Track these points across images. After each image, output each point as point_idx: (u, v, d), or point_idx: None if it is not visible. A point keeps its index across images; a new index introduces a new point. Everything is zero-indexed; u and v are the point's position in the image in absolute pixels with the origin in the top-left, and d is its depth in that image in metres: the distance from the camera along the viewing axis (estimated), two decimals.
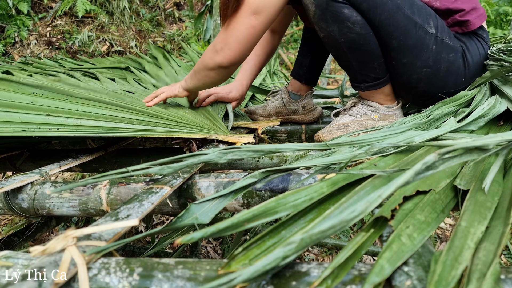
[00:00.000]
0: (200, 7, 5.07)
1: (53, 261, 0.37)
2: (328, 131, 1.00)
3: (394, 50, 0.91)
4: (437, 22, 0.92)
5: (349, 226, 0.38)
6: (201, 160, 0.55)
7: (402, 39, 0.89)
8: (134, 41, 4.38)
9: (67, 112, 0.95)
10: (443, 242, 1.72)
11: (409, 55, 0.92)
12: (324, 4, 0.88)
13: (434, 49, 0.91)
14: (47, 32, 4.06)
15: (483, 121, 0.74)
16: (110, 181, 0.70)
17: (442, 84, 0.96)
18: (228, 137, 0.98)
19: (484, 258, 0.33)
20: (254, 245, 0.36)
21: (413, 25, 0.89)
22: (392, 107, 1.01)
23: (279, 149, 0.57)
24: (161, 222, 1.83)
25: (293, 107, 1.31)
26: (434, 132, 0.66)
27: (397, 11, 0.87)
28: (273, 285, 0.33)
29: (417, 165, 0.35)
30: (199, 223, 0.45)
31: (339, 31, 0.89)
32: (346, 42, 0.91)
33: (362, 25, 0.88)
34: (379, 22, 0.88)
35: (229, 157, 0.56)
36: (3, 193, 0.73)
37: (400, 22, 0.88)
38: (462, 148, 0.36)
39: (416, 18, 0.89)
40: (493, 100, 0.83)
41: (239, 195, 0.52)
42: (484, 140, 0.37)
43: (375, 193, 0.35)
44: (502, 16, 4.34)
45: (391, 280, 0.33)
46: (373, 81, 0.97)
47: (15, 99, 0.95)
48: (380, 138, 0.70)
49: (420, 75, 0.94)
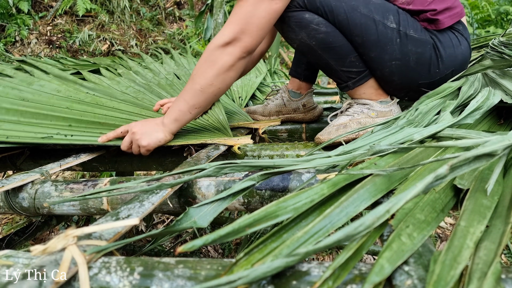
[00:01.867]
0: (201, 6, 5.07)
1: (53, 260, 0.37)
2: (328, 132, 1.00)
3: (361, 46, 0.95)
4: (399, 17, 0.96)
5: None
6: (198, 176, 0.56)
7: (364, 35, 0.93)
8: (134, 40, 4.37)
9: (87, 115, 1.03)
10: (443, 241, 1.72)
11: (375, 50, 0.95)
12: (286, 17, 0.94)
13: (399, 42, 0.95)
14: (48, 31, 4.06)
15: (479, 114, 0.74)
16: (111, 180, 0.71)
17: (416, 75, 0.99)
18: (224, 140, 0.98)
19: (484, 257, 0.33)
20: (256, 250, 0.36)
21: (372, 22, 0.93)
22: (387, 103, 1.02)
23: (277, 165, 0.57)
24: (161, 221, 1.83)
25: (293, 105, 1.31)
26: (432, 129, 0.66)
27: (353, 11, 0.93)
28: (274, 285, 0.33)
29: (428, 178, 0.34)
30: (197, 226, 0.45)
31: (308, 35, 0.94)
32: (318, 44, 0.95)
33: (326, 24, 0.93)
34: (338, 23, 0.93)
35: (225, 172, 0.56)
36: (4, 192, 0.73)
37: (358, 21, 0.92)
38: (472, 156, 0.36)
39: (373, 16, 0.93)
40: (487, 92, 0.83)
41: (238, 197, 0.52)
42: (493, 146, 0.37)
43: (383, 207, 0.35)
44: (502, 15, 4.33)
45: (392, 280, 0.33)
46: (357, 76, 1.00)
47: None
48: (379, 140, 0.70)
49: (391, 68, 0.97)
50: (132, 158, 1.07)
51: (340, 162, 0.56)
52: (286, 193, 0.61)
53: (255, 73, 2.19)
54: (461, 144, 0.42)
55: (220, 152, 0.92)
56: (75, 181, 0.72)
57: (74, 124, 1.02)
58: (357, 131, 0.80)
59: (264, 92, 1.94)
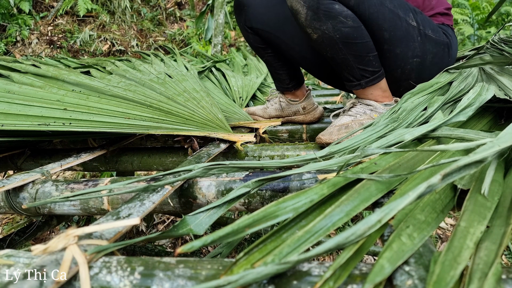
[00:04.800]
0: (202, 6, 5.07)
1: (54, 260, 0.37)
2: (329, 133, 1.00)
3: (387, 42, 0.95)
4: (417, 16, 0.97)
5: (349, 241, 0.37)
6: (185, 177, 0.56)
7: (392, 31, 0.94)
8: (135, 41, 4.38)
9: (82, 108, 0.98)
10: (443, 242, 1.71)
11: (400, 46, 0.96)
12: (316, 4, 0.91)
13: (419, 40, 0.97)
14: (49, 31, 4.06)
15: (471, 111, 0.73)
16: (112, 180, 0.71)
17: (428, 75, 1.01)
18: (228, 136, 0.98)
19: (485, 257, 0.33)
20: (256, 249, 0.36)
21: (398, 18, 0.94)
22: (390, 105, 1.01)
23: (265, 166, 0.57)
24: (162, 221, 1.83)
25: (293, 108, 1.31)
26: (423, 128, 0.65)
27: (381, 4, 0.93)
28: (274, 284, 0.33)
29: (420, 187, 0.35)
30: (193, 233, 0.45)
31: (333, 28, 0.92)
32: (341, 38, 0.93)
33: (353, 19, 0.92)
34: (369, 15, 0.92)
35: (213, 172, 0.56)
36: (5, 192, 0.73)
37: (387, 15, 0.93)
38: (463, 164, 0.36)
39: (398, 12, 0.94)
40: (479, 87, 0.82)
41: (233, 204, 0.52)
42: (483, 153, 0.37)
43: (375, 216, 0.35)
44: (503, 16, 4.33)
45: (392, 280, 0.33)
46: (371, 75, 0.99)
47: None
48: (370, 139, 0.70)
49: (412, 65, 0.99)
50: (132, 158, 1.07)
51: (332, 166, 0.55)
52: (286, 193, 0.60)
53: (255, 74, 2.19)
54: (454, 148, 0.42)
55: (221, 150, 0.92)
56: (76, 181, 0.72)
57: (71, 109, 0.98)
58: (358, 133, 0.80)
59: (264, 92, 1.94)
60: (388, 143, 0.63)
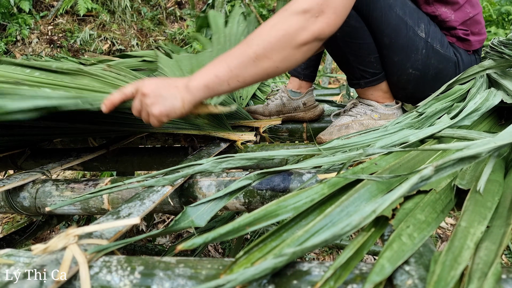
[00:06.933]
0: (202, 6, 5.07)
1: (54, 259, 0.37)
2: (330, 133, 1.00)
3: (386, 48, 0.93)
4: (429, 27, 0.94)
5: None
6: (196, 171, 0.56)
7: (394, 37, 0.91)
8: (135, 40, 4.38)
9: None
10: (444, 241, 1.71)
11: (400, 54, 0.93)
12: None
13: (424, 53, 0.93)
14: (49, 30, 4.06)
15: (477, 115, 0.74)
16: (112, 180, 0.71)
17: (429, 89, 0.97)
18: (228, 135, 0.98)
19: (485, 257, 0.33)
20: (256, 248, 0.36)
21: (404, 26, 0.91)
22: (391, 106, 1.01)
23: (272, 156, 0.57)
24: (162, 221, 1.83)
25: (293, 104, 1.30)
26: (428, 131, 0.65)
27: (389, 9, 0.90)
28: (274, 284, 0.33)
29: (413, 179, 0.35)
30: (195, 226, 0.45)
31: None
32: (342, 36, 0.92)
33: (356, 18, 0.90)
34: (372, 18, 0.90)
35: (224, 166, 0.56)
36: (5, 192, 0.73)
37: (392, 21, 0.90)
38: (457, 158, 0.36)
39: (407, 19, 0.91)
40: (486, 93, 0.82)
41: (234, 196, 0.52)
42: (477, 149, 0.37)
43: (370, 207, 0.35)
44: (504, 15, 4.32)
45: (393, 279, 0.33)
46: (371, 77, 0.98)
47: None
48: (374, 139, 0.70)
49: (409, 76, 0.96)
50: (133, 158, 1.07)
51: (336, 162, 0.56)
52: (287, 193, 0.60)
53: None
54: (454, 147, 0.42)
55: (221, 149, 0.92)
56: (76, 180, 0.72)
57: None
58: (358, 134, 0.80)
59: (264, 91, 1.94)
60: (393, 143, 0.63)
